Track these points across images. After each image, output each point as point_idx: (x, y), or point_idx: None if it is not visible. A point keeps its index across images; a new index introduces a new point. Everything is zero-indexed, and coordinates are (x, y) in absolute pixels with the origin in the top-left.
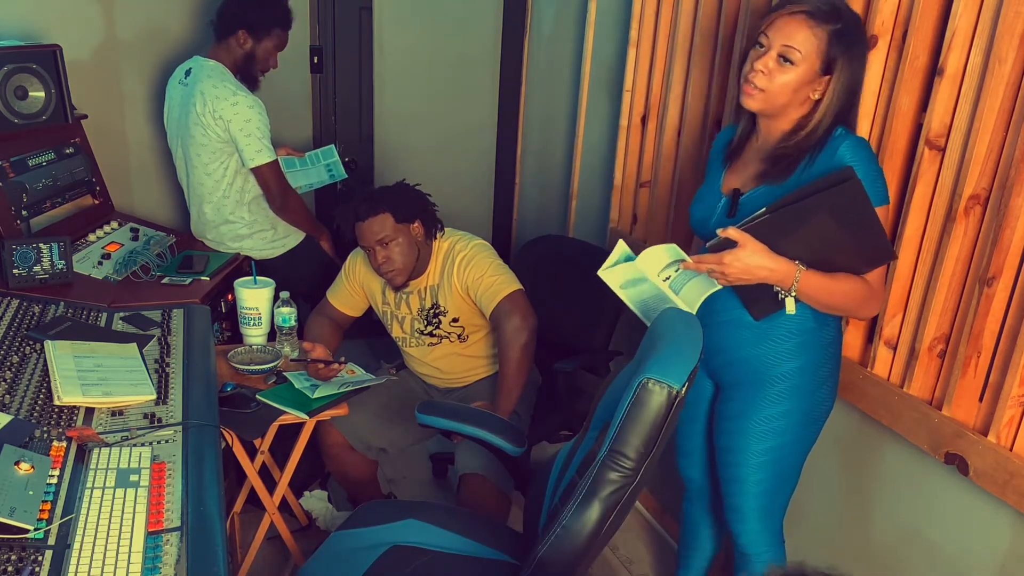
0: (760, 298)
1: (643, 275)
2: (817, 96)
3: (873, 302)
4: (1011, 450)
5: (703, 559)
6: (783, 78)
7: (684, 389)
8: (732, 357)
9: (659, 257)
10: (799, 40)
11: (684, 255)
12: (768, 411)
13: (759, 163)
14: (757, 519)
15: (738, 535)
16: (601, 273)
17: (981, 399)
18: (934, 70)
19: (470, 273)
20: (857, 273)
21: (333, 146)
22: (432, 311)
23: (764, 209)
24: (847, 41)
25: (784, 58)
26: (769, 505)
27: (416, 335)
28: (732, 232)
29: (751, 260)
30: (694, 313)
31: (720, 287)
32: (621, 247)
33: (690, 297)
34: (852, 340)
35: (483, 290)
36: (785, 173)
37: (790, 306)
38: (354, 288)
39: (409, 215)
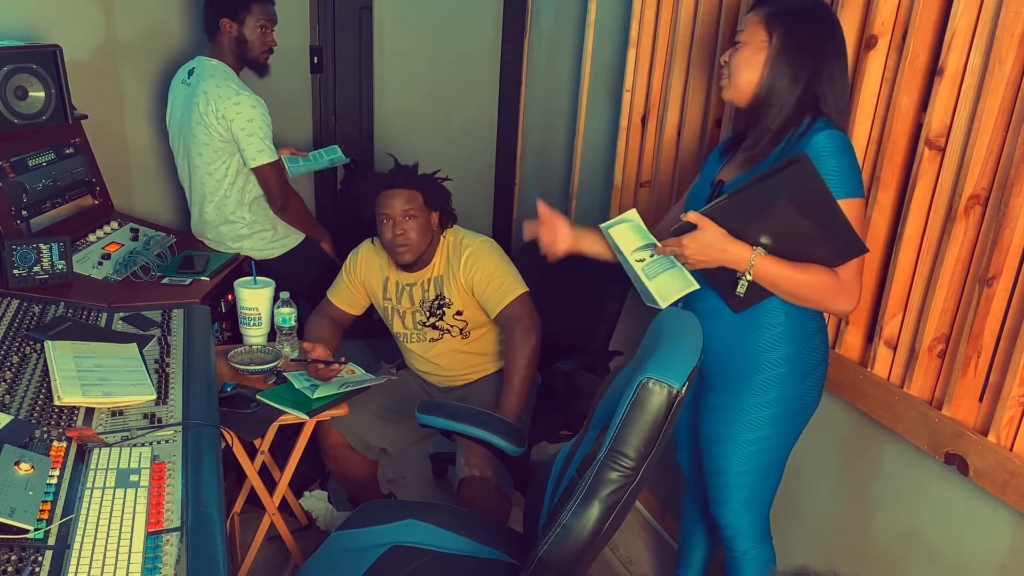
0: (728, 286)
1: (623, 244)
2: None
3: (843, 296)
4: (1011, 450)
5: (701, 557)
6: (736, 59)
7: (684, 389)
8: (714, 345)
9: (627, 235)
10: (744, 24)
11: (651, 236)
12: (753, 400)
13: (749, 146)
14: (743, 512)
15: (724, 529)
16: (601, 227)
17: (981, 399)
18: (934, 70)
19: (476, 272)
20: (829, 266)
21: (337, 146)
22: (436, 303)
23: (725, 194)
24: (786, 14)
25: (735, 44)
26: (754, 498)
27: (418, 328)
28: (692, 215)
29: (707, 242)
30: (662, 308)
31: (697, 287)
32: (632, 215)
33: (664, 291)
34: (852, 340)
35: (490, 291)
36: (764, 151)
37: (741, 288)
38: (355, 285)
39: (435, 203)
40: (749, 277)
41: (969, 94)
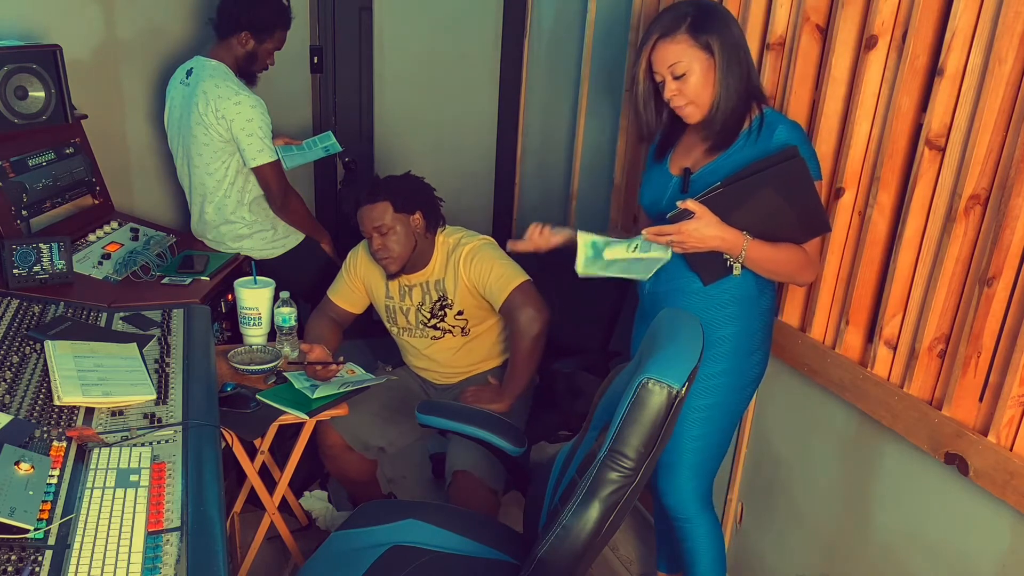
0: (709, 265)
1: (615, 259)
2: None
3: (810, 269)
4: (1011, 450)
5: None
6: (689, 85)
7: (684, 389)
8: None
9: (621, 247)
10: (672, 57)
11: (621, 238)
12: (705, 370)
13: (703, 139)
14: (689, 477)
15: (668, 496)
16: (581, 272)
17: (981, 399)
18: (934, 70)
19: (476, 267)
20: (797, 243)
21: (331, 132)
22: (439, 304)
23: (719, 183)
24: (702, 22)
25: (676, 76)
26: (701, 465)
27: (420, 326)
28: (691, 204)
29: (706, 231)
30: (667, 259)
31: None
32: (584, 242)
33: (656, 251)
34: (852, 340)
35: (492, 282)
36: (729, 138)
37: (737, 271)
38: (355, 283)
39: (409, 206)
40: (742, 260)
41: (969, 94)
